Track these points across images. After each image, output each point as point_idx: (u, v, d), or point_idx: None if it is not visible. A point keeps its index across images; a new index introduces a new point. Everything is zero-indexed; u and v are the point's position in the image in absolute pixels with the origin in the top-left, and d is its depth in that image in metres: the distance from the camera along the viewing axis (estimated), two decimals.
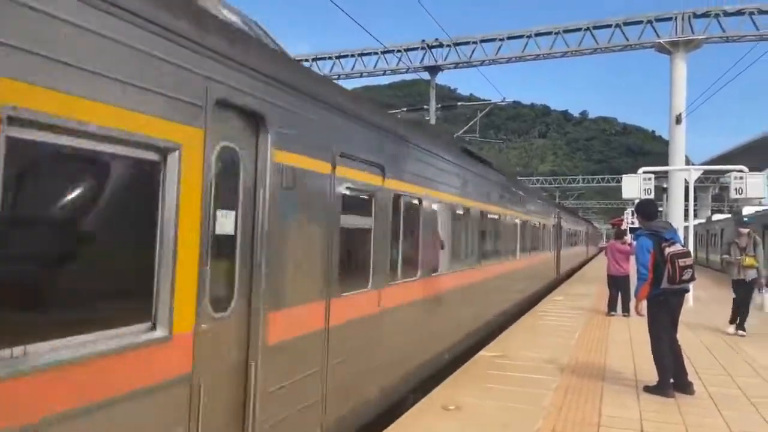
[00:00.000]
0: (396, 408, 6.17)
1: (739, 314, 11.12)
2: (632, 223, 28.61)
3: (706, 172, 48.01)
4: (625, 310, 13.08)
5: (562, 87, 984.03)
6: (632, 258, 8.48)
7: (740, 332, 10.96)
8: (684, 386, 6.78)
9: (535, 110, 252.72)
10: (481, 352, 8.93)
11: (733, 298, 11.37)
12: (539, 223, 17.71)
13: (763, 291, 11.19)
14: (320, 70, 38.43)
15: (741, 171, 14.77)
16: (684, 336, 9.61)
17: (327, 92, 4.73)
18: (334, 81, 6.30)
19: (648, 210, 7.38)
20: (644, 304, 6.98)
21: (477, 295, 9.98)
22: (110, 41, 2.64)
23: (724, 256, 11.58)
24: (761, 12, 31.99)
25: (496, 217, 11.62)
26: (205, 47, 3.23)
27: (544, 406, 6.16)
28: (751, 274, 10.93)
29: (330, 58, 41.66)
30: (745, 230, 11.20)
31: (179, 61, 3.04)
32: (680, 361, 6.91)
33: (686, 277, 6.67)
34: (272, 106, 3.86)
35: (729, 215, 35.23)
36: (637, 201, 11.82)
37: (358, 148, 5.18)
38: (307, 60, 40.06)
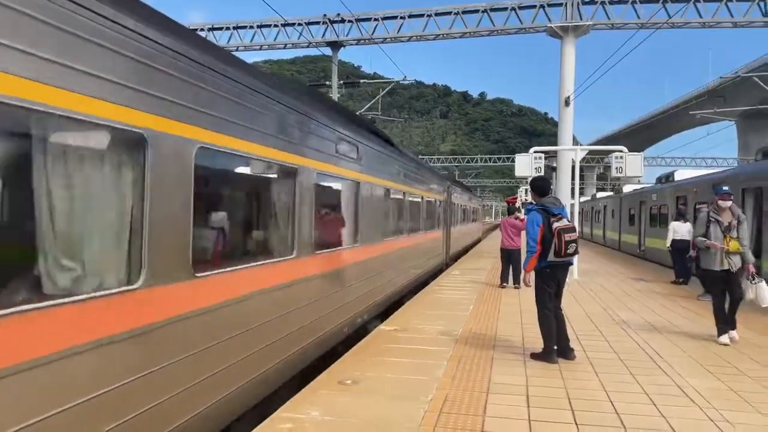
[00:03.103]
0: None
1: (729, 314, 8.28)
2: (526, 200, 29.98)
3: (591, 152, 51.08)
4: (516, 282, 13.66)
5: (462, 69, 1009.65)
6: (523, 233, 8.79)
7: (732, 334, 8.18)
8: (566, 352, 7.22)
9: (437, 90, 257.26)
10: (381, 326, 9.04)
11: (715, 300, 8.38)
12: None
13: (756, 280, 8.08)
14: (217, 41, 36.72)
15: (621, 151, 15.78)
16: (568, 306, 10.24)
17: None
18: (233, 53, 5.98)
19: (541, 186, 7.59)
20: (532, 275, 7.32)
21: None
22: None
23: (698, 238, 8.40)
24: (642, 1, 34.24)
25: None
26: None
27: (438, 376, 6.33)
28: (736, 262, 8.09)
29: (227, 28, 39.93)
30: (728, 203, 8.33)
31: None
32: (563, 328, 7.33)
33: (571, 250, 7.05)
34: None
35: (612, 193, 37.67)
36: (530, 178, 12.30)
37: None
38: (202, 30, 38.09)
